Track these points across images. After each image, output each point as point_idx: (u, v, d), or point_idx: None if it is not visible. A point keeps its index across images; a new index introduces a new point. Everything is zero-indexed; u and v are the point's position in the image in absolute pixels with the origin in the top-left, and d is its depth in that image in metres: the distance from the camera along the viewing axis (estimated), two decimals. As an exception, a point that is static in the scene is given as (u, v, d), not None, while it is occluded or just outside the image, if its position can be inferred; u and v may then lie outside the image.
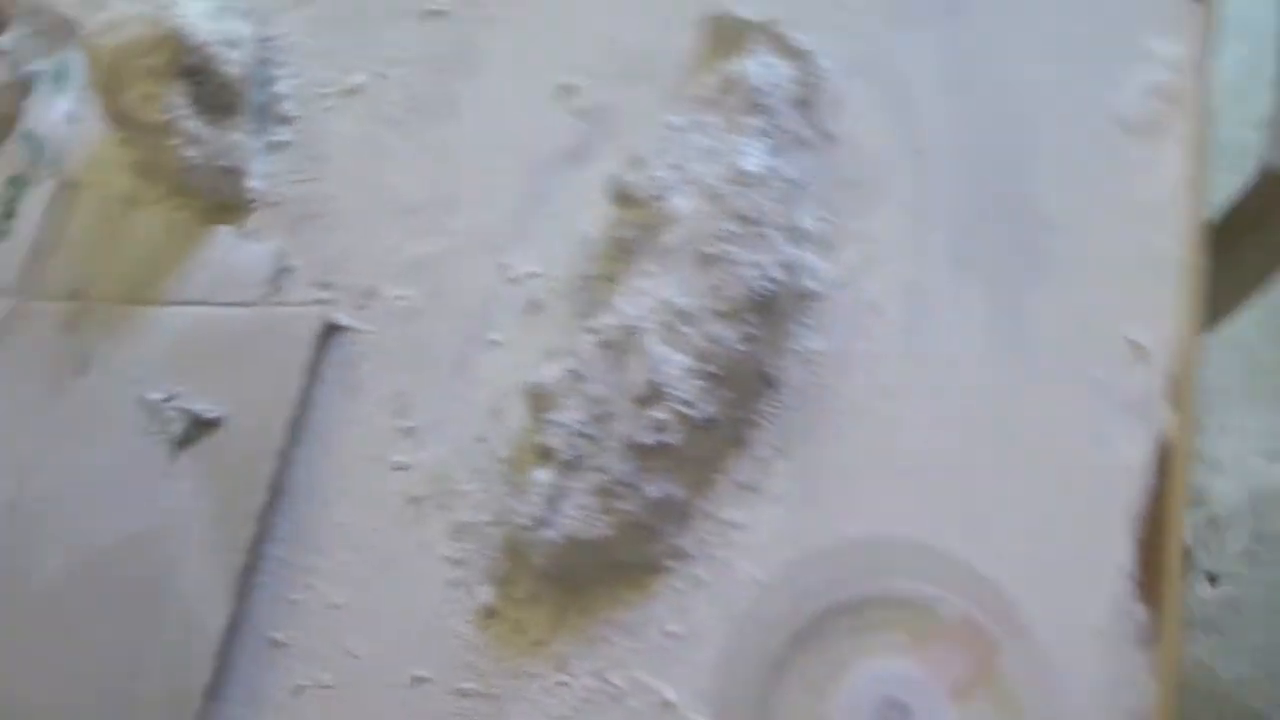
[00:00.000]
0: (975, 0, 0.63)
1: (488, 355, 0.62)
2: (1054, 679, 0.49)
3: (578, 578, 0.56)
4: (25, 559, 0.67)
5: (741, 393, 0.57)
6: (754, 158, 0.60)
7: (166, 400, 0.66)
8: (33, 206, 0.77)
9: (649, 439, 0.55)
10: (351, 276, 0.66)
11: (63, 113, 0.79)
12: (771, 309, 0.58)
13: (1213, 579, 1.13)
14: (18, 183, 0.78)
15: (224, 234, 0.70)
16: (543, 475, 0.56)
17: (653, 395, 0.56)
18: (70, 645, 0.63)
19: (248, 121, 0.70)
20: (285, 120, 0.72)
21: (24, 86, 0.81)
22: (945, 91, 0.62)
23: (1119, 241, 0.56)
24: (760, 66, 0.62)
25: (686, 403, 0.56)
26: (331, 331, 0.65)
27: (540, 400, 0.58)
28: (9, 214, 0.78)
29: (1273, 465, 1.17)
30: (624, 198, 0.61)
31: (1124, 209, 0.56)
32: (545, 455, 0.57)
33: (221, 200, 0.70)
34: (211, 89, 0.68)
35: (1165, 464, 0.51)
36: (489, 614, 0.57)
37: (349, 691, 0.58)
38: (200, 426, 0.65)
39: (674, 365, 0.56)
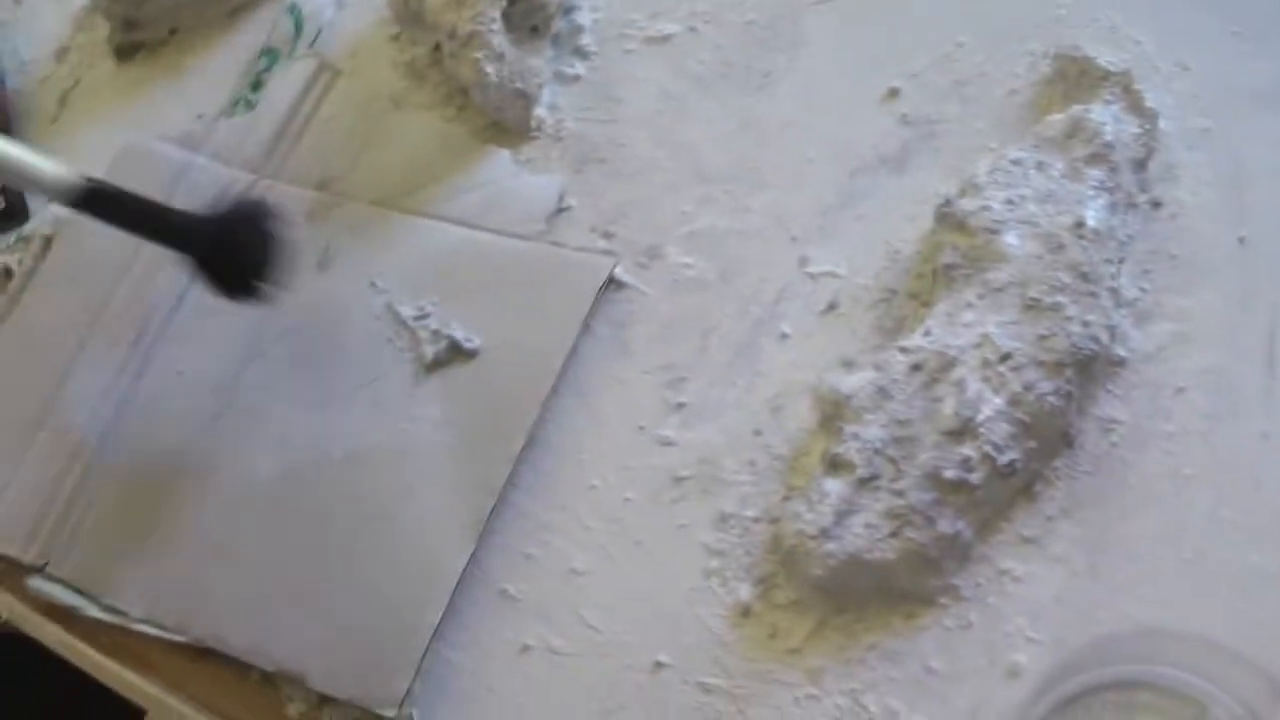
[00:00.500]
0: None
1: (775, 347, 0.60)
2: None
3: (847, 595, 0.55)
4: (239, 449, 0.64)
5: (1042, 445, 0.56)
6: (1095, 211, 0.58)
7: (419, 317, 0.64)
8: (285, 85, 0.74)
9: (952, 474, 0.54)
10: (635, 232, 0.64)
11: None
12: (1089, 369, 0.56)
13: None
14: (271, 55, 0.75)
15: (503, 157, 0.68)
16: (833, 486, 0.55)
17: (963, 430, 0.55)
18: (288, 554, 0.61)
19: (548, 48, 0.67)
20: (582, 54, 0.69)
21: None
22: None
23: None
24: (1113, 118, 0.60)
25: (994, 445, 0.54)
26: (608, 284, 0.63)
27: (838, 408, 0.57)
28: (257, 85, 0.75)
29: None
30: (954, 223, 0.60)
31: None
32: (837, 466, 0.56)
33: (503, 122, 0.67)
34: (524, 7, 0.65)
35: None
36: (744, 612, 0.56)
37: (581, 662, 0.56)
38: (455, 352, 0.63)
39: (989, 406, 0.55)
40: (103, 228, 0.62)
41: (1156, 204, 0.61)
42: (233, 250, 0.61)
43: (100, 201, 0.57)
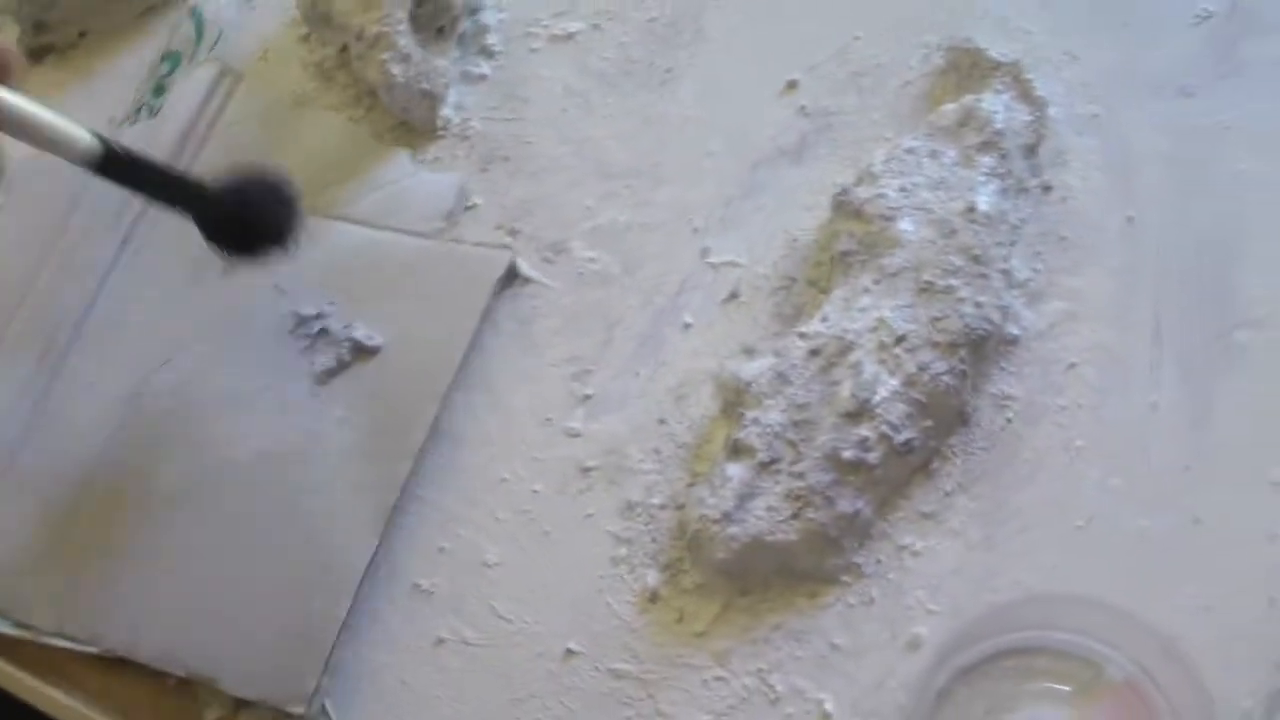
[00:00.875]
0: (1212, 87, 0.63)
1: (678, 336, 0.61)
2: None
3: (751, 577, 0.56)
4: (146, 457, 0.64)
5: (939, 424, 0.57)
6: (986, 196, 0.60)
7: (318, 317, 0.64)
8: (188, 90, 0.74)
9: (850, 454, 0.55)
10: (540, 228, 0.65)
11: (236, -3, 0.76)
12: (982, 349, 0.58)
13: None
14: (173, 59, 0.75)
15: (403, 158, 0.68)
16: (735, 470, 0.56)
17: (860, 412, 0.56)
18: (197, 558, 0.61)
19: (454, 48, 0.68)
20: (488, 52, 0.70)
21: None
22: (1166, 166, 0.62)
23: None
24: (1003, 107, 0.62)
25: (891, 425, 0.56)
26: (513, 279, 0.64)
27: (739, 395, 0.58)
28: (159, 89, 0.75)
29: None
30: (850, 211, 0.61)
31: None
32: (738, 451, 0.57)
33: (410, 122, 0.68)
34: (431, 9, 0.66)
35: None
36: (652, 598, 0.56)
37: (494, 653, 0.57)
38: (358, 351, 0.63)
39: (885, 387, 0.56)
40: (6, 239, 0.62)
41: (1047, 188, 0.63)
42: (247, 214, 0.60)
43: (117, 166, 0.56)
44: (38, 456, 0.66)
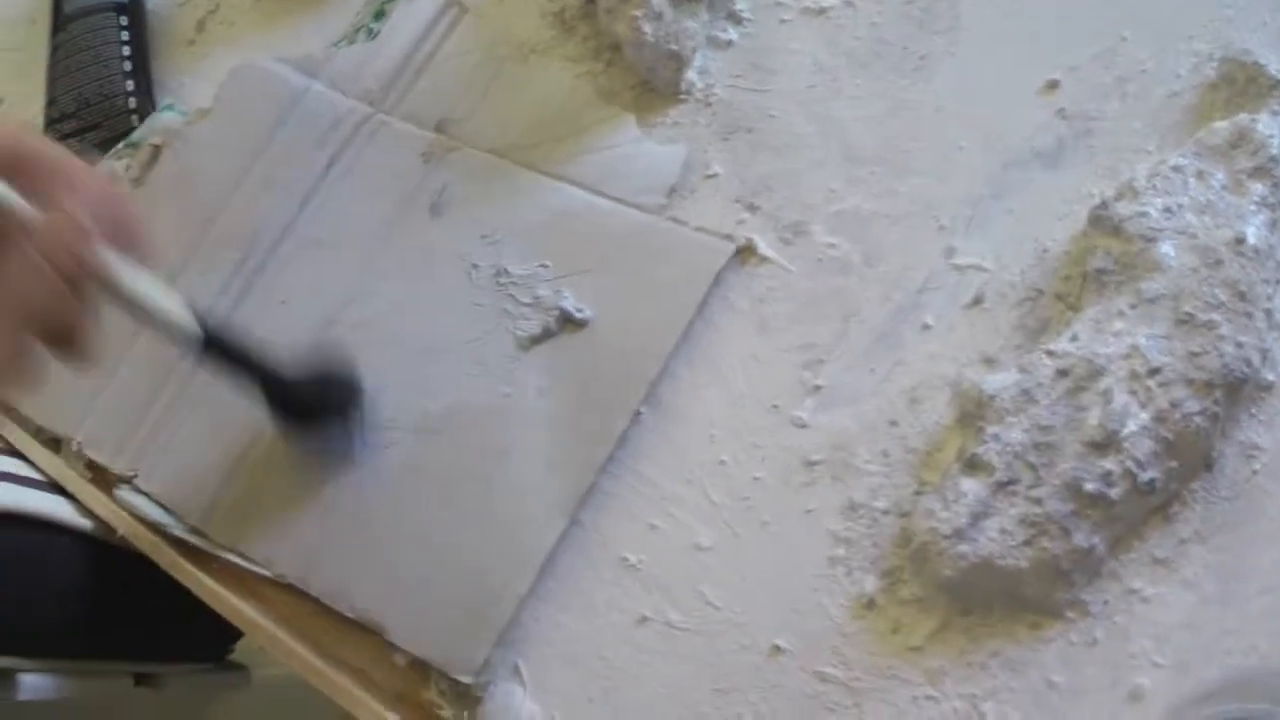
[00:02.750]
0: None
1: (916, 337, 0.59)
2: None
3: (974, 598, 0.55)
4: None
5: (1183, 466, 0.55)
6: (1256, 228, 0.57)
7: (529, 278, 0.63)
8: (410, 17, 0.72)
9: (1093, 486, 0.53)
10: (780, 207, 0.63)
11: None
12: (1238, 392, 0.55)
13: None
14: None
15: (629, 123, 0.66)
16: (970, 486, 0.54)
17: (1107, 443, 0.54)
18: (375, 500, 0.61)
19: (704, 10, 0.65)
20: (736, 19, 0.67)
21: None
22: None
23: None
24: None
25: (1137, 461, 0.54)
26: (745, 254, 0.62)
27: (980, 407, 0.56)
28: (380, 14, 0.73)
29: None
30: (1109, 226, 0.58)
31: None
32: (975, 466, 0.55)
33: (653, 82, 0.66)
34: (687, -33, 0.63)
35: None
36: (868, 604, 0.55)
37: (698, 640, 0.56)
38: (565, 321, 0.62)
39: (1135, 420, 0.54)
40: (213, 143, 0.60)
41: (1316, 225, 0.60)
42: (319, 415, 0.61)
43: (217, 350, 0.56)
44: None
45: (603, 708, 0.56)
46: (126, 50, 0.80)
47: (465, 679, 0.57)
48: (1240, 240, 0.57)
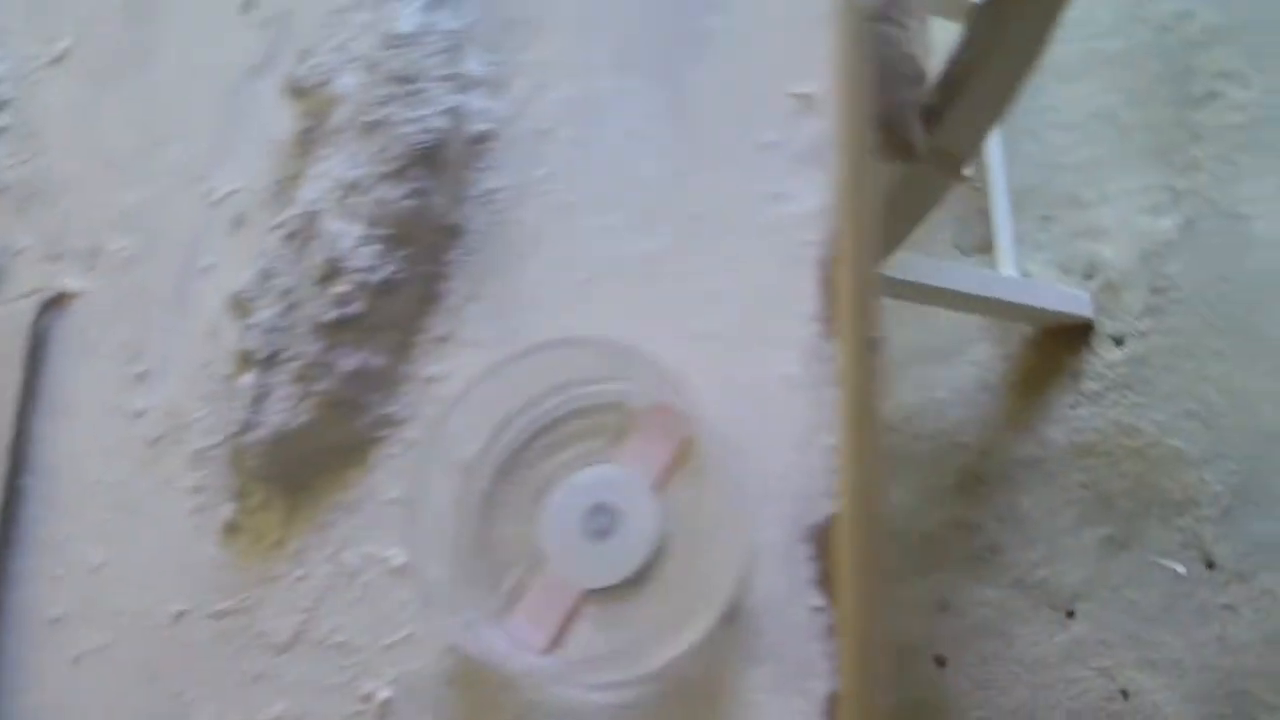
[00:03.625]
0: None
1: (201, 282, 0.61)
2: (749, 443, 0.46)
3: (299, 471, 0.55)
4: None
5: (423, 248, 0.56)
6: (407, 18, 0.58)
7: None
8: None
9: (331, 314, 0.54)
10: (77, 240, 0.66)
11: None
12: (437, 159, 0.56)
13: (1118, 341, 1.09)
14: None
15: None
16: (246, 379, 0.56)
17: (332, 271, 0.55)
18: None
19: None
20: (2, 104, 0.72)
21: None
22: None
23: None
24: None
25: (365, 270, 0.54)
26: (61, 301, 0.65)
27: (241, 308, 0.57)
28: None
29: (1157, 219, 1.12)
30: (297, 91, 0.60)
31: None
32: (245, 360, 0.56)
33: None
34: None
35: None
36: (231, 529, 0.56)
37: (123, 648, 0.57)
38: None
39: (349, 237, 0.55)
40: None
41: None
42: None
43: None
44: None
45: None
46: None
47: None
48: (393, 34, 0.58)
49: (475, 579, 0.49)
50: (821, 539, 0.44)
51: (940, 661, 1.10)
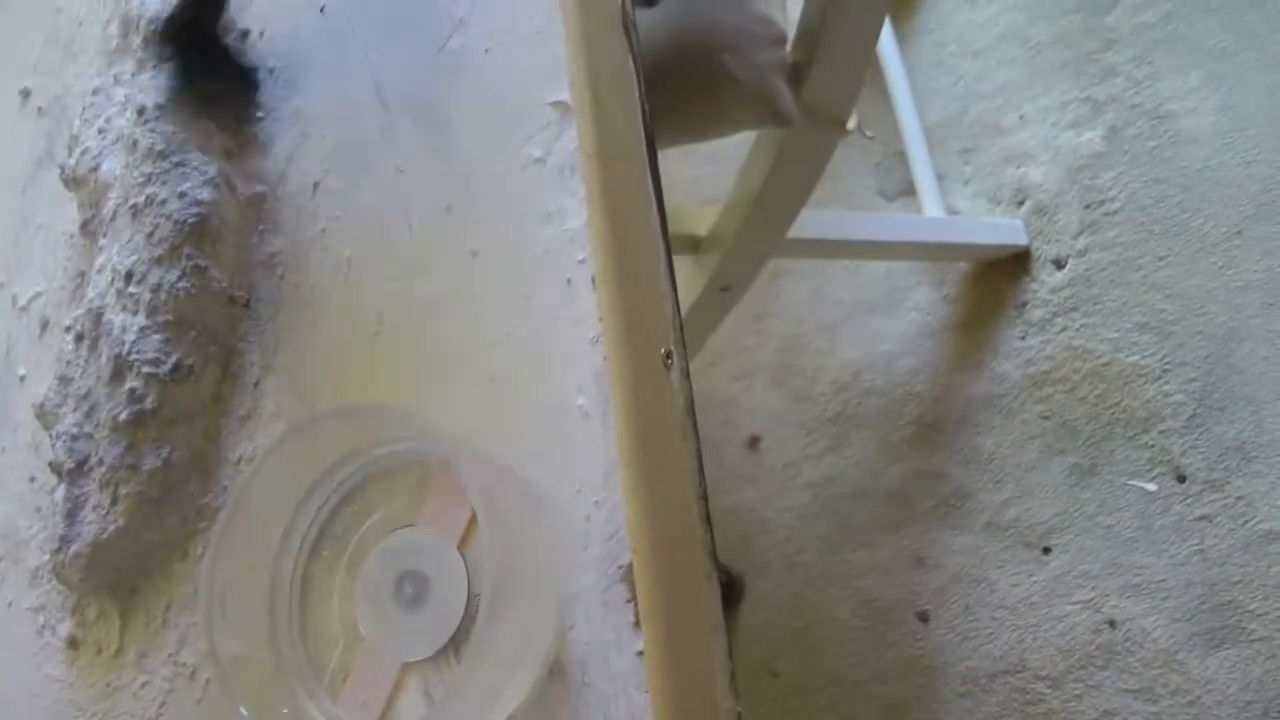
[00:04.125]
0: None
1: (20, 393, 0.60)
2: (555, 485, 0.44)
3: (125, 577, 0.53)
4: None
5: (210, 328, 0.54)
6: (156, 91, 0.56)
7: None
8: None
9: (126, 413, 0.52)
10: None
11: None
12: (209, 233, 0.54)
13: (1059, 264, 1.06)
14: None
15: None
16: (59, 492, 0.54)
17: (121, 368, 0.53)
18: None
19: None
20: None
21: None
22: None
23: (516, 14, 0.50)
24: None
25: (151, 361, 0.52)
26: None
27: (45, 418, 0.56)
28: None
29: (1081, 133, 1.07)
30: (70, 181, 0.58)
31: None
32: (56, 473, 0.54)
33: None
34: None
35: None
36: (73, 644, 0.55)
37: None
38: None
39: (131, 330, 0.53)
40: None
41: (243, 35, 0.58)
42: None
43: None
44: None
45: None
46: None
47: None
48: (142, 110, 0.56)
49: (298, 665, 0.47)
50: (632, 581, 0.41)
51: (923, 617, 1.07)
